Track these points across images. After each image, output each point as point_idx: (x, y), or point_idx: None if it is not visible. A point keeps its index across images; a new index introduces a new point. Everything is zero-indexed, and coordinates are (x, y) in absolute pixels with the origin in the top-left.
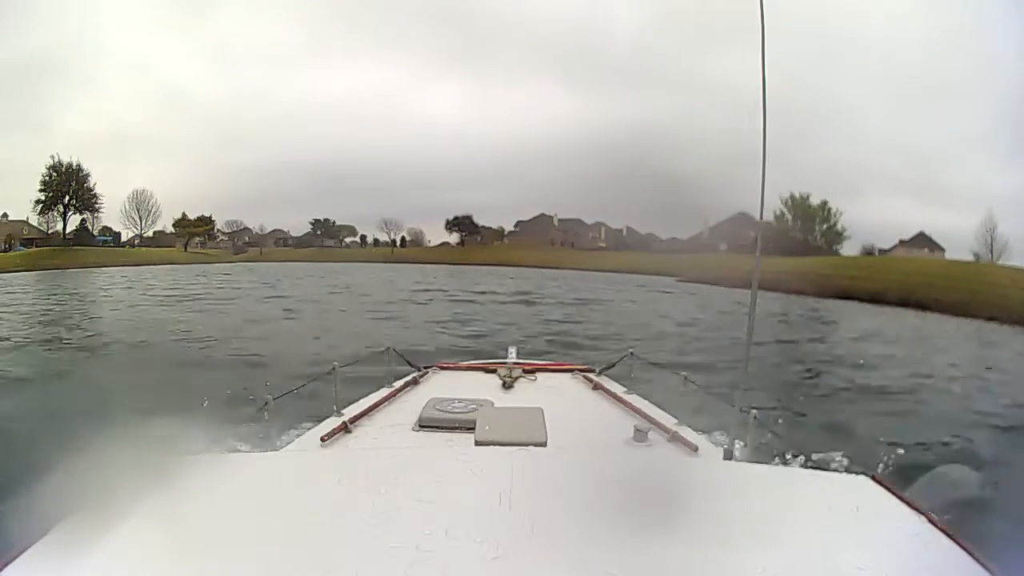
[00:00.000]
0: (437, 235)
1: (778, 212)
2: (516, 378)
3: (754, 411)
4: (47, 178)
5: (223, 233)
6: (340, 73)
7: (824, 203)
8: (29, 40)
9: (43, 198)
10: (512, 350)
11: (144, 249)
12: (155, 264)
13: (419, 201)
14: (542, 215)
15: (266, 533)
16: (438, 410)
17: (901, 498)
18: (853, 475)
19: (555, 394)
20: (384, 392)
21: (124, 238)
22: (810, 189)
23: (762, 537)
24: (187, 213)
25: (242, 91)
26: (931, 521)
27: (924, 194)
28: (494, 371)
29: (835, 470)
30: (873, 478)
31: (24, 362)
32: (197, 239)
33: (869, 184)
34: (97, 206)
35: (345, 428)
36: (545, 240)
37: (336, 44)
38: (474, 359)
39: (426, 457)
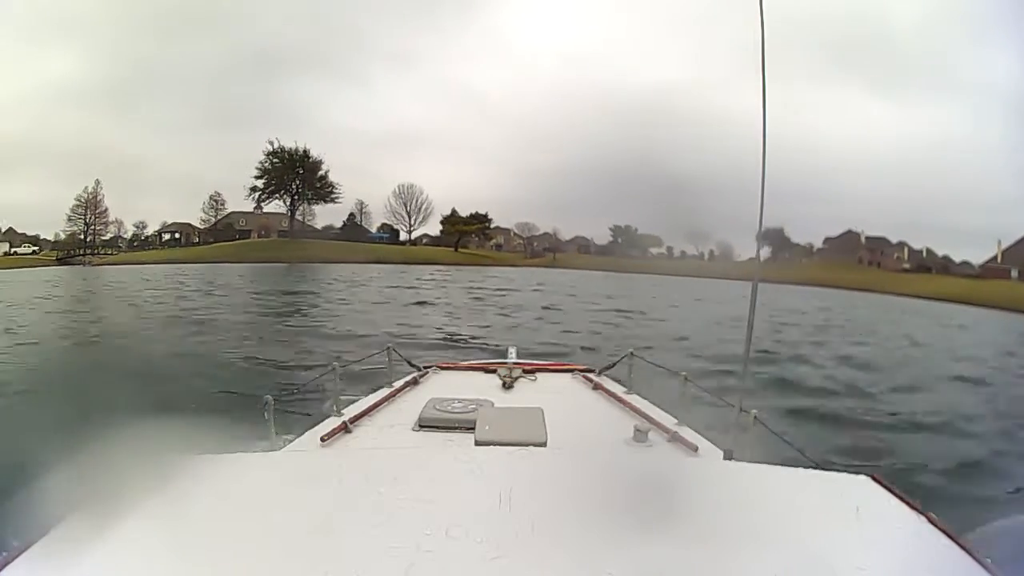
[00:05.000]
0: (747, 249)
1: None
2: (516, 378)
3: (754, 411)
4: (265, 165)
5: (519, 237)
6: (635, 71)
7: None
8: (296, 34)
9: (259, 185)
10: (512, 350)
11: (405, 247)
12: (403, 263)
13: (727, 211)
14: (849, 232)
15: (266, 533)
16: (438, 410)
17: (901, 498)
18: (853, 475)
19: (555, 394)
20: (384, 392)
21: (403, 236)
22: None
23: (762, 537)
24: (457, 210)
25: (530, 89)
26: (931, 521)
27: None
28: (494, 371)
29: (835, 470)
30: (873, 478)
31: None
32: (492, 242)
33: None
34: (334, 197)
35: (345, 428)
36: (852, 258)
37: (626, 41)
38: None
39: (426, 457)
